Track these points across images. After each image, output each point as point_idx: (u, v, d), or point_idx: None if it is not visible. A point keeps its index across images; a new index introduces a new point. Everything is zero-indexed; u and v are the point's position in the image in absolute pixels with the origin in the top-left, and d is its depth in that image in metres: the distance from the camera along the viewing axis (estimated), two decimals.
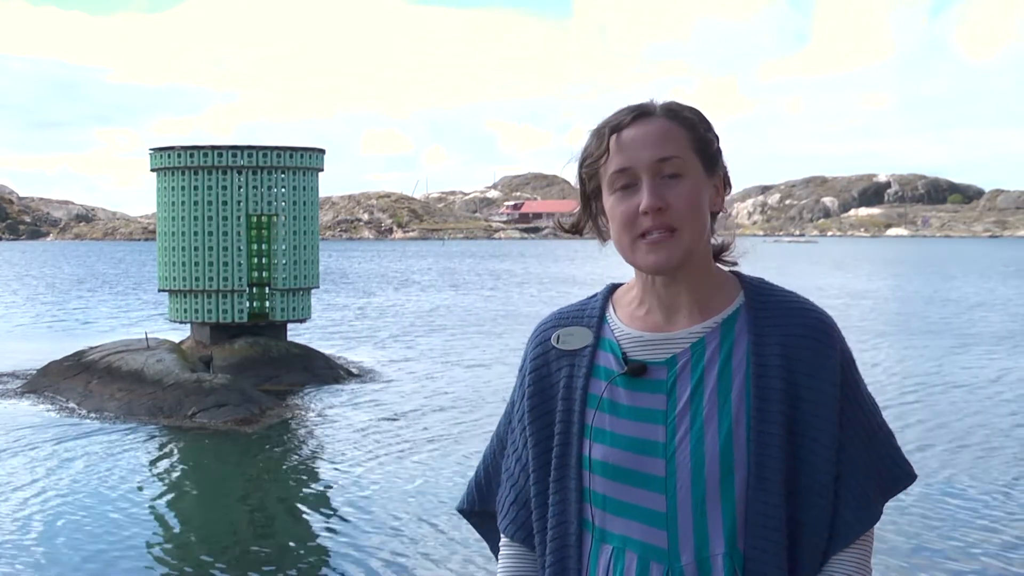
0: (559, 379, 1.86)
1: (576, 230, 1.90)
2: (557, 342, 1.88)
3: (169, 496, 10.57)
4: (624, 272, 1.90)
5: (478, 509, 2.02)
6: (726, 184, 1.84)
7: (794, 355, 1.75)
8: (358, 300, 37.36)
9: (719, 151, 1.82)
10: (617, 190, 1.77)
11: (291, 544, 8.91)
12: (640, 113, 1.78)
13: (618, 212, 1.76)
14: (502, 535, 1.96)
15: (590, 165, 1.81)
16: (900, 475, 1.82)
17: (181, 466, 11.90)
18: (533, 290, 43.00)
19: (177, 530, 9.56)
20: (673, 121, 1.77)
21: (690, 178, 1.75)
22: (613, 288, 1.93)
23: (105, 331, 25.81)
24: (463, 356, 20.96)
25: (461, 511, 2.06)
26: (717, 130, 1.82)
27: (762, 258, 1.99)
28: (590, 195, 1.84)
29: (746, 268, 1.90)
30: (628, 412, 1.78)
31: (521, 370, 1.94)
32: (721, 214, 1.86)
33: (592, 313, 1.89)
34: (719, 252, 1.88)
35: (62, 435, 13.10)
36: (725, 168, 1.84)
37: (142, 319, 29.10)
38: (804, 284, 40.52)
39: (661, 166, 1.74)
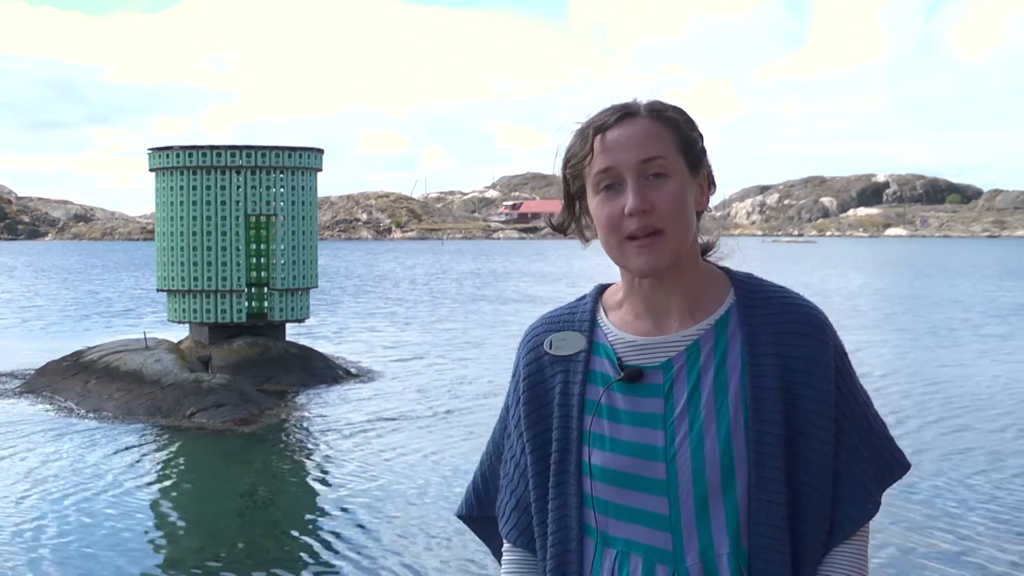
0: (554, 385, 1.85)
1: (561, 229, 1.89)
2: (550, 348, 1.87)
3: (167, 496, 10.56)
4: (611, 272, 1.89)
5: (477, 515, 2.03)
6: (711, 184, 1.84)
7: (788, 352, 1.76)
8: (357, 300, 37.35)
9: (703, 151, 1.81)
10: (601, 190, 1.76)
11: (289, 544, 8.91)
12: (624, 113, 1.77)
13: (603, 214, 1.75)
14: (504, 540, 1.96)
15: (574, 165, 1.81)
16: (895, 465, 1.85)
17: (179, 466, 11.89)
18: (533, 289, 43.00)
19: (175, 530, 9.55)
20: (657, 121, 1.76)
21: (675, 178, 1.74)
22: (602, 289, 1.92)
23: (104, 331, 25.80)
24: (463, 355, 20.95)
25: (461, 517, 2.07)
26: (712, 130, 1.83)
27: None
28: (574, 195, 1.84)
29: (735, 267, 1.89)
30: (627, 417, 1.78)
31: (514, 376, 1.93)
32: (706, 213, 1.85)
33: (583, 317, 1.88)
34: (704, 251, 1.88)
35: (60, 435, 13.08)
36: (709, 167, 1.83)
37: (141, 319, 29.09)
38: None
39: (646, 167, 1.73)
